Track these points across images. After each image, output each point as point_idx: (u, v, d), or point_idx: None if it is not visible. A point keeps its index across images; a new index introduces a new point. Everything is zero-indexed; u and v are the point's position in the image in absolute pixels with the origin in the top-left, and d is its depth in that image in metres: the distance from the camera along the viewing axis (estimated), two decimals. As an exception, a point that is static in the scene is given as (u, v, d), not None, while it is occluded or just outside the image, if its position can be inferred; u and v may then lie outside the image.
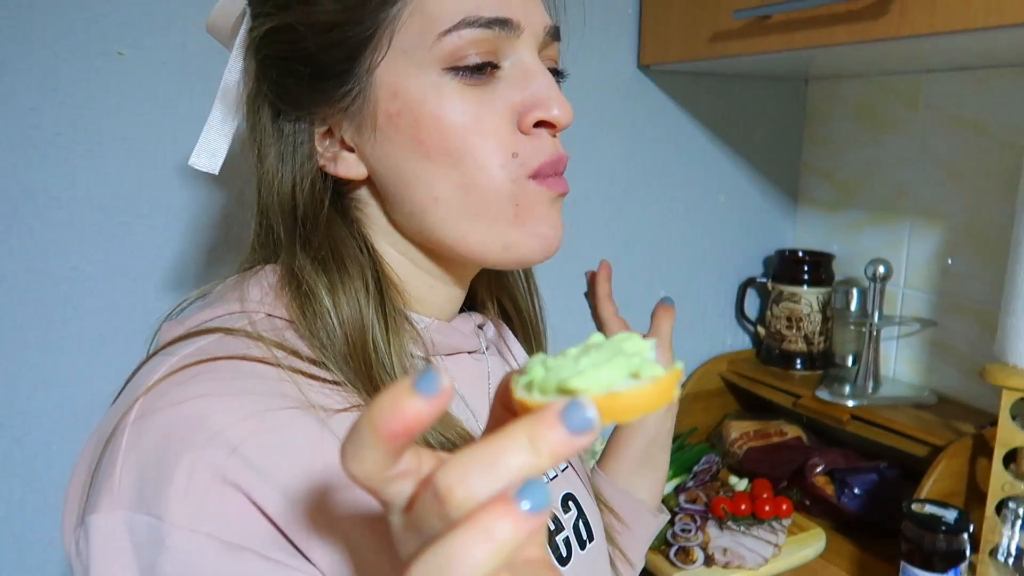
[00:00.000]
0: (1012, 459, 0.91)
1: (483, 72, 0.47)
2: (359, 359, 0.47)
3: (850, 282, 1.29)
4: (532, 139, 0.49)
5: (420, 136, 0.47)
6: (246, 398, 0.42)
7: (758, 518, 1.03)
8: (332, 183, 0.51)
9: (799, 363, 1.29)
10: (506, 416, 0.32)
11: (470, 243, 0.49)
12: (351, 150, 0.50)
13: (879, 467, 1.10)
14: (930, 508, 0.88)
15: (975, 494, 0.97)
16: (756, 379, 1.29)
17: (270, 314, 0.48)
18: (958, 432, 1.01)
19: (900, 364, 1.25)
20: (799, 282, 1.28)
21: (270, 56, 0.49)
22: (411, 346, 0.50)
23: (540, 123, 0.49)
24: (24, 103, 0.78)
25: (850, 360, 1.29)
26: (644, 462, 0.74)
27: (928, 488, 0.94)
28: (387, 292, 0.50)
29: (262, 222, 0.51)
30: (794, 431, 1.23)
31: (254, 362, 0.44)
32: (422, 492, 0.27)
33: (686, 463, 1.19)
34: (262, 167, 0.50)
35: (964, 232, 1.15)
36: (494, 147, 0.47)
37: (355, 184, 0.52)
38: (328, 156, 0.50)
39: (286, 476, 0.40)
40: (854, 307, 1.26)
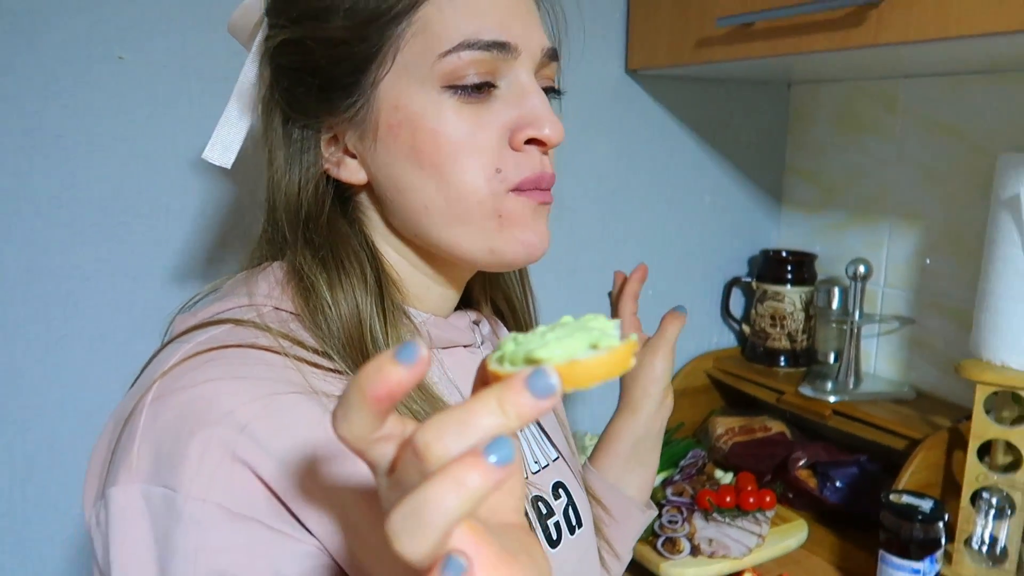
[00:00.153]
0: (986, 451, 0.93)
1: (480, 91, 0.50)
2: (357, 349, 0.50)
3: (832, 281, 1.31)
4: (519, 156, 0.51)
5: (416, 147, 0.50)
6: (254, 383, 0.45)
7: (743, 510, 1.05)
8: (335, 186, 0.54)
9: (783, 360, 1.31)
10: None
11: (460, 247, 0.53)
12: (354, 156, 0.53)
13: (859, 460, 1.13)
14: (907, 498, 0.90)
15: (951, 485, 0.99)
16: (741, 376, 1.31)
17: (277, 307, 0.51)
18: (935, 426, 1.04)
19: (880, 361, 1.27)
20: (783, 281, 1.30)
21: (283, 66, 0.52)
22: (409, 338, 0.53)
23: (531, 140, 0.52)
24: (27, 105, 0.80)
25: (832, 357, 1.31)
26: (633, 459, 0.76)
27: (906, 480, 0.97)
28: (386, 288, 0.53)
29: (270, 220, 0.54)
30: (778, 426, 1.26)
31: (262, 350, 0.47)
32: (403, 452, 0.29)
33: (673, 457, 1.22)
34: (271, 169, 0.52)
35: (941, 233, 1.18)
36: (482, 162, 0.50)
37: (357, 188, 0.55)
38: (332, 161, 0.53)
39: (289, 454, 0.43)
40: (836, 305, 1.28)
